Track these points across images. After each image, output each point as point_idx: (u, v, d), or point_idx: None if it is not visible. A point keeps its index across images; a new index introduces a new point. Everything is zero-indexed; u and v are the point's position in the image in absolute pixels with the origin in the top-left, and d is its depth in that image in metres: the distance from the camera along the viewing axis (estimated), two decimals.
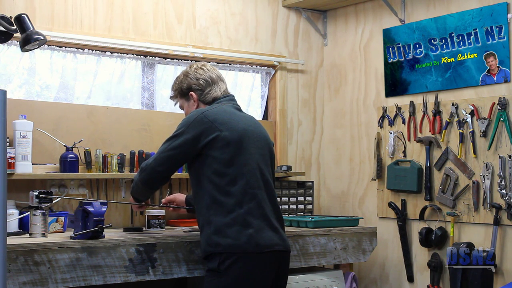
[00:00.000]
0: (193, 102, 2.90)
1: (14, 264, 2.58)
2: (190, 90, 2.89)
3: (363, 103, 4.39)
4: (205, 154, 2.69)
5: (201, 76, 2.89)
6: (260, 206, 2.68)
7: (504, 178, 3.53)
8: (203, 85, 2.88)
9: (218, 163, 2.66)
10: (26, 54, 3.45)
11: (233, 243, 2.60)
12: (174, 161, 2.75)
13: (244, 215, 2.63)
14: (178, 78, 2.98)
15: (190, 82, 2.90)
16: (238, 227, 2.61)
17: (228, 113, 2.78)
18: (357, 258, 3.63)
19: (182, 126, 2.74)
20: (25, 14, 2.84)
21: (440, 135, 3.87)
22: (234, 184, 2.65)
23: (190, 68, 2.94)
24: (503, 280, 3.55)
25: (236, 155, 2.69)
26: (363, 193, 4.38)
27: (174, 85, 2.99)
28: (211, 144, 2.67)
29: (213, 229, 2.63)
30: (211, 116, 2.72)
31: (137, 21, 3.85)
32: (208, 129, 2.69)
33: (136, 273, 2.86)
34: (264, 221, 2.68)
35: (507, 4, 3.56)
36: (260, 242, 2.63)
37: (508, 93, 3.57)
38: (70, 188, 3.53)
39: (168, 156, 2.74)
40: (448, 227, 3.81)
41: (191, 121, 2.72)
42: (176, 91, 2.97)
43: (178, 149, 2.71)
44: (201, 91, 2.89)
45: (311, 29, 4.60)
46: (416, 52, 4.00)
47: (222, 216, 2.62)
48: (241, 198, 2.65)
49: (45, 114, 3.49)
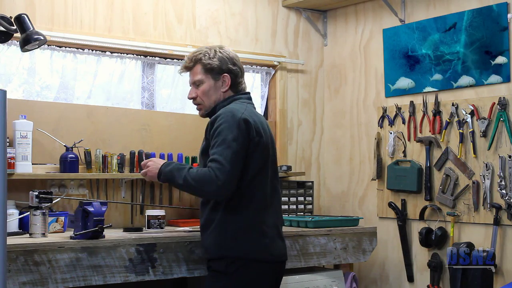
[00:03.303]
0: (223, 86, 2.72)
1: (14, 264, 2.58)
2: (225, 72, 2.70)
3: (363, 103, 4.39)
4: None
5: (237, 62, 2.74)
6: (274, 215, 2.68)
7: (504, 178, 3.53)
8: (238, 72, 2.74)
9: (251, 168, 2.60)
10: (26, 54, 3.44)
11: (249, 250, 2.58)
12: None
13: (260, 224, 2.61)
14: (206, 52, 2.72)
15: (226, 62, 2.70)
16: (255, 235, 2.60)
17: (258, 117, 2.70)
18: (357, 258, 3.63)
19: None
20: (25, 14, 2.84)
21: (440, 135, 3.87)
22: (256, 190, 2.62)
23: (220, 49, 2.74)
24: (503, 280, 3.55)
25: (266, 162, 2.66)
26: (363, 193, 4.38)
27: (200, 56, 2.71)
28: (253, 148, 2.60)
29: (230, 233, 2.59)
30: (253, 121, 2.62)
31: (137, 21, 3.85)
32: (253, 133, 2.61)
33: (136, 273, 2.86)
34: (276, 229, 2.69)
35: (507, 4, 3.56)
36: (273, 253, 2.65)
37: (508, 93, 3.57)
38: (70, 188, 3.53)
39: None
40: (448, 227, 3.81)
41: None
42: (203, 66, 2.70)
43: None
44: (235, 77, 2.73)
45: (311, 29, 4.60)
46: (416, 52, 4.00)
47: (240, 221, 2.59)
48: (260, 205, 2.62)
49: (45, 114, 3.49)
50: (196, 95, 2.74)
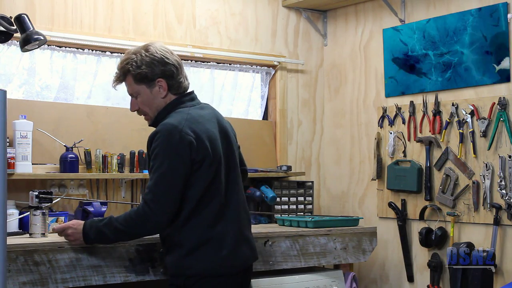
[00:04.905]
0: (160, 92, 2.55)
1: (14, 264, 2.58)
2: (157, 76, 2.52)
3: (363, 103, 4.39)
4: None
5: (168, 59, 2.54)
6: (233, 222, 2.53)
7: (504, 178, 3.53)
8: (172, 72, 2.55)
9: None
10: (26, 54, 3.44)
11: (205, 267, 2.46)
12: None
13: (216, 236, 2.47)
14: (133, 60, 2.53)
15: (156, 65, 2.52)
16: (211, 250, 2.46)
17: (202, 122, 2.53)
18: (357, 258, 3.63)
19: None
20: (25, 14, 2.84)
21: (440, 135, 3.87)
22: (208, 202, 2.48)
23: (146, 51, 2.53)
24: (503, 280, 3.55)
25: (216, 172, 2.51)
26: (363, 193, 4.38)
27: (127, 67, 2.54)
28: (197, 167, 2.48)
29: (185, 250, 2.46)
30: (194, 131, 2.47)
31: (137, 21, 3.85)
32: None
33: (136, 273, 2.86)
34: (237, 236, 2.53)
35: (507, 4, 3.56)
36: (234, 263, 2.52)
37: (508, 93, 3.57)
38: (70, 188, 3.53)
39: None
40: (448, 227, 3.81)
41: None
42: (133, 77, 2.53)
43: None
44: (171, 78, 2.55)
45: (311, 29, 4.60)
46: (416, 52, 4.00)
47: (194, 237, 2.47)
48: (214, 217, 2.48)
49: (45, 114, 3.49)
50: (138, 107, 2.60)
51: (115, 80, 2.61)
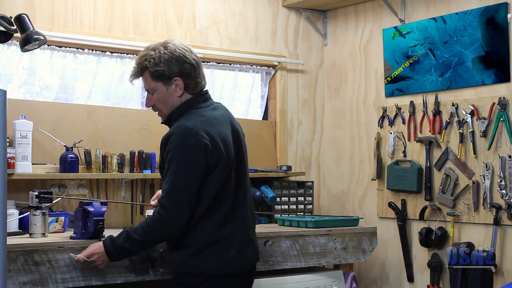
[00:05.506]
0: (177, 91, 2.55)
1: (14, 264, 2.58)
2: (175, 75, 2.52)
3: (363, 103, 4.39)
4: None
5: (187, 57, 2.53)
6: (241, 223, 2.55)
7: (504, 178, 3.53)
8: (190, 71, 2.54)
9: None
10: (26, 54, 3.44)
11: (213, 267, 2.48)
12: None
13: (225, 238, 2.49)
14: (151, 57, 2.51)
15: (174, 64, 2.51)
16: (219, 250, 2.48)
17: (216, 125, 2.53)
18: (357, 258, 3.63)
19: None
20: (25, 14, 2.84)
21: (440, 135, 3.87)
22: (219, 205, 2.50)
23: (165, 48, 2.51)
24: (503, 280, 3.55)
25: (228, 175, 2.52)
26: (363, 193, 4.38)
27: (145, 64, 2.53)
28: (212, 169, 2.50)
29: (193, 249, 2.48)
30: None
31: (137, 21, 3.85)
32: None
33: (136, 273, 2.86)
34: (243, 238, 2.56)
35: (507, 4, 3.56)
36: (240, 264, 2.54)
37: (508, 93, 3.57)
38: (70, 188, 3.53)
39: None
40: (448, 227, 3.81)
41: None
42: (151, 74, 2.52)
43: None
44: (189, 77, 2.54)
45: (311, 29, 4.60)
46: (416, 52, 4.00)
47: (202, 237, 2.48)
48: (223, 219, 2.49)
49: (45, 114, 3.49)
50: (153, 103, 2.59)
51: (133, 74, 2.59)
